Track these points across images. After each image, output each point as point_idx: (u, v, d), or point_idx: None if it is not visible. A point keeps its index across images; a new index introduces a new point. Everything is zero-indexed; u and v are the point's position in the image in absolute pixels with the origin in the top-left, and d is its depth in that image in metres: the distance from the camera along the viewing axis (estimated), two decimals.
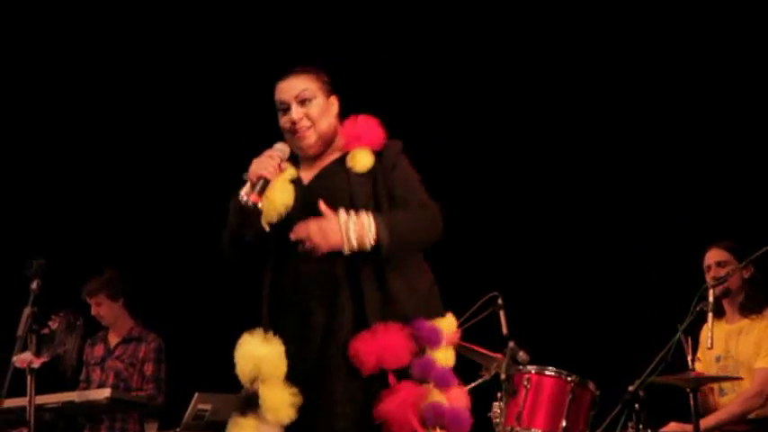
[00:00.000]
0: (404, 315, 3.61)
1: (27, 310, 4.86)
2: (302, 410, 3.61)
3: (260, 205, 3.68)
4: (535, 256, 7.13)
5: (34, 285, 4.93)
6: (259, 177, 3.66)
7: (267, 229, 3.73)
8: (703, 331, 5.42)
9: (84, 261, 7.21)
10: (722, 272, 5.46)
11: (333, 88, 3.88)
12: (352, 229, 3.55)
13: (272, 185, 3.70)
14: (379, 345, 3.54)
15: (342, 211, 3.58)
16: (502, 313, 5.67)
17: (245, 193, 3.67)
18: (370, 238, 3.56)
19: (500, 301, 5.69)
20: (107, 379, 6.89)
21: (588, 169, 7.12)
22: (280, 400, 3.60)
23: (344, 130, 3.84)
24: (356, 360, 3.56)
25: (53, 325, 5.69)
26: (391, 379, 3.56)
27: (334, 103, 3.86)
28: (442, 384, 3.62)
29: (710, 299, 5.00)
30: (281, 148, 3.77)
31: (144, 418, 6.74)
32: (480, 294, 5.68)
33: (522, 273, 6.95)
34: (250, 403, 3.64)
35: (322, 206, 3.59)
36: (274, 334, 3.66)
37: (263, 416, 3.62)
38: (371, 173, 3.75)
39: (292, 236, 3.60)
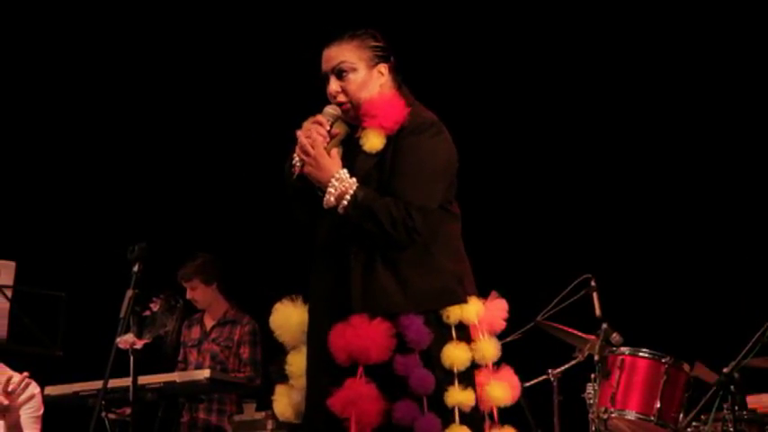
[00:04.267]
0: (388, 310, 3.47)
1: (129, 293, 4.89)
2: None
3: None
4: (629, 238, 7.10)
5: (136, 268, 4.99)
6: (306, 153, 3.55)
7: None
8: None
9: (184, 244, 7.31)
10: None
11: (385, 54, 3.67)
12: (338, 184, 3.49)
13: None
14: (349, 341, 3.44)
15: (344, 170, 3.51)
16: (595, 295, 5.66)
17: (293, 164, 3.61)
18: (343, 203, 3.48)
19: (593, 283, 5.68)
20: (203, 361, 6.99)
21: (684, 152, 7.08)
22: (301, 367, 3.65)
23: (365, 105, 3.62)
24: (331, 353, 3.48)
25: (154, 307, 5.78)
26: (359, 374, 3.45)
27: (382, 71, 3.65)
28: (419, 388, 3.45)
29: None
30: (329, 112, 3.64)
31: (242, 399, 6.84)
32: (574, 276, 5.68)
33: (615, 255, 6.93)
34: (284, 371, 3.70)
35: (333, 153, 3.57)
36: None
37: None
38: (378, 155, 3.57)
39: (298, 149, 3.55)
